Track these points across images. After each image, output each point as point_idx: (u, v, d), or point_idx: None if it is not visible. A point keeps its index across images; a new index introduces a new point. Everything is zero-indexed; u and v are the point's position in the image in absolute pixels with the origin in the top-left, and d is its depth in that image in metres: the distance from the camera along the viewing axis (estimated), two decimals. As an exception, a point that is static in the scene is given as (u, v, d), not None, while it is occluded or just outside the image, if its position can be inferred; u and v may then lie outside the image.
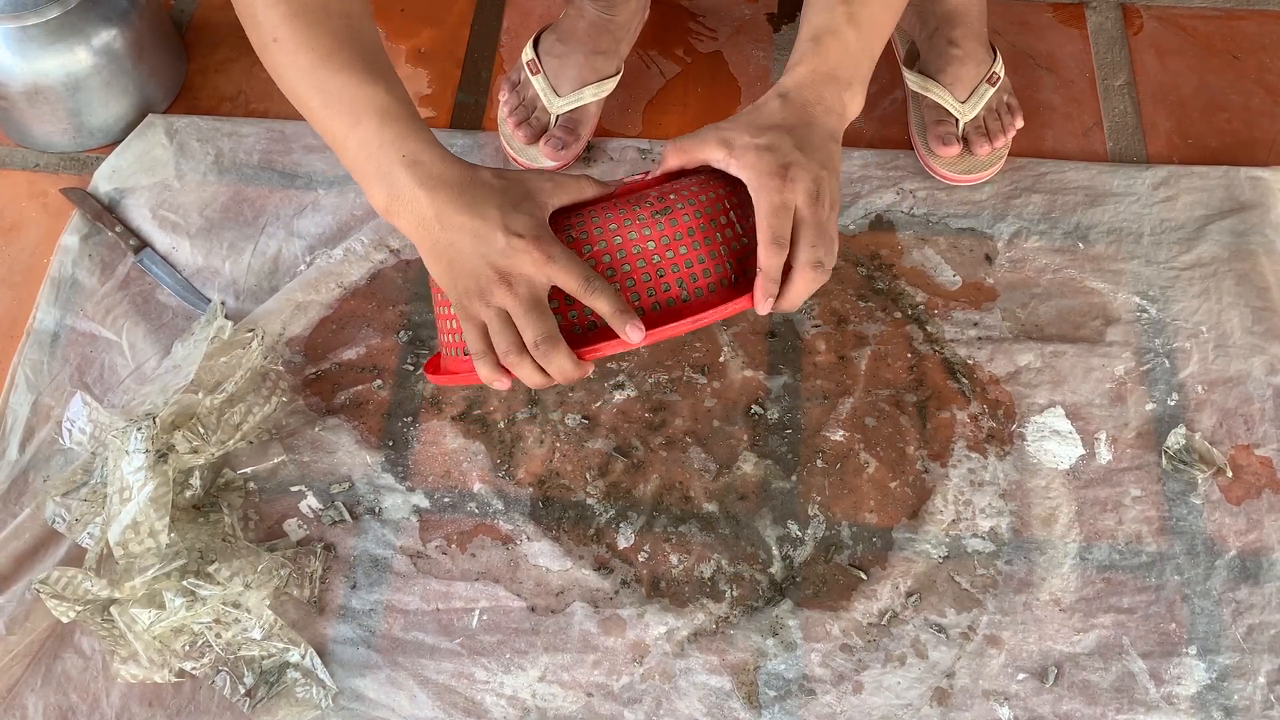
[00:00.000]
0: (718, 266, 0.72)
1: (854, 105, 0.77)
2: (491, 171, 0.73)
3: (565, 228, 0.73)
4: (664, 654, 0.85)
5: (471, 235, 0.70)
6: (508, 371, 0.72)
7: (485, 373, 0.72)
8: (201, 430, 0.88)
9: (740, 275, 0.73)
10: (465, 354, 0.75)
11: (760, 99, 0.76)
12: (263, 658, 0.84)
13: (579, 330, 0.72)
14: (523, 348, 0.70)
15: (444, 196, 0.71)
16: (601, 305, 0.69)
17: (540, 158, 1.06)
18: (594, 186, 0.75)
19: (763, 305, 0.71)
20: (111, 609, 0.82)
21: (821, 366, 0.97)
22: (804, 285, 0.72)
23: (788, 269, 0.71)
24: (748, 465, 0.92)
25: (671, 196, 0.74)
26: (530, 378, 0.72)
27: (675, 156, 0.76)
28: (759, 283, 0.70)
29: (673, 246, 0.72)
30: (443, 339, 0.79)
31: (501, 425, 0.95)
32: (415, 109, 0.74)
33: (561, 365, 0.70)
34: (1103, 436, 0.93)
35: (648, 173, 0.79)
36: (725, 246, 0.73)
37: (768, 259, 0.70)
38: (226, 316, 0.95)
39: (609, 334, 0.71)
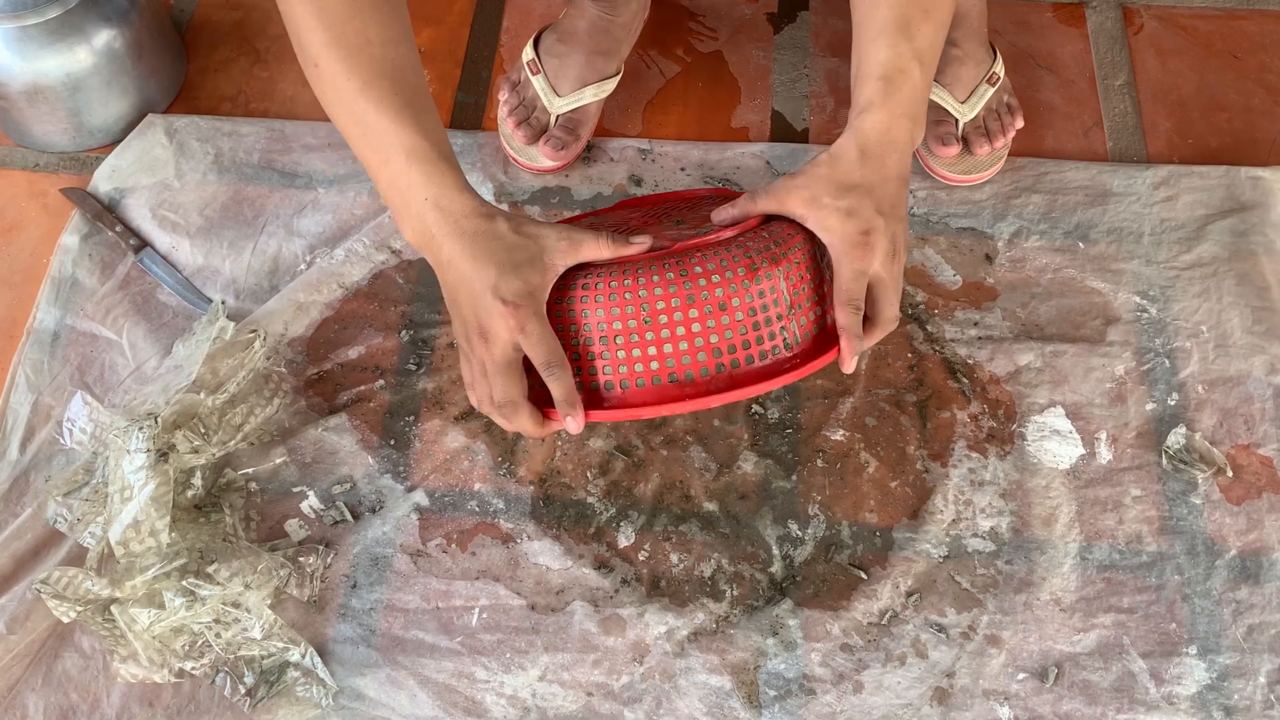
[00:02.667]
0: (756, 340, 0.74)
1: (919, 136, 0.79)
2: (511, 225, 0.74)
3: (574, 285, 0.74)
4: (664, 653, 0.85)
5: (467, 287, 0.73)
6: None
7: (472, 398, 0.79)
8: (203, 430, 0.88)
9: (794, 343, 0.75)
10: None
11: (837, 146, 0.76)
12: (263, 657, 0.84)
13: None
14: (491, 400, 0.75)
15: (457, 246, 0.73)
16: (555, 389, 0.73)
17: (540, 157, 1.06)
18: (612, 248, 0.75)
19: (849, 364, 0.74)
20: (112, 608, 0.82)
21: (822, 366, 0.97)
22: (876, 338, 0.76)
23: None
24: (748, 464, 0.92)
25: (715, 261, 0.74)
26: (500, 424, 0.76)
27: (756, 207, 0.77)
28: (845, 343, 0.73)
29: (715, 316, 0.73)
30: None
31: (502, 425, 0.95)
32: (447, 146, 0.76)
33: (522, 425, 0.75)
34: (1103, 436, 0.93)
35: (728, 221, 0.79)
36: (772, 317, 0.74)
37: (847, 319, 0.73)
38: (228, 316, 0.95)
39: (587, 398, 0.74)
